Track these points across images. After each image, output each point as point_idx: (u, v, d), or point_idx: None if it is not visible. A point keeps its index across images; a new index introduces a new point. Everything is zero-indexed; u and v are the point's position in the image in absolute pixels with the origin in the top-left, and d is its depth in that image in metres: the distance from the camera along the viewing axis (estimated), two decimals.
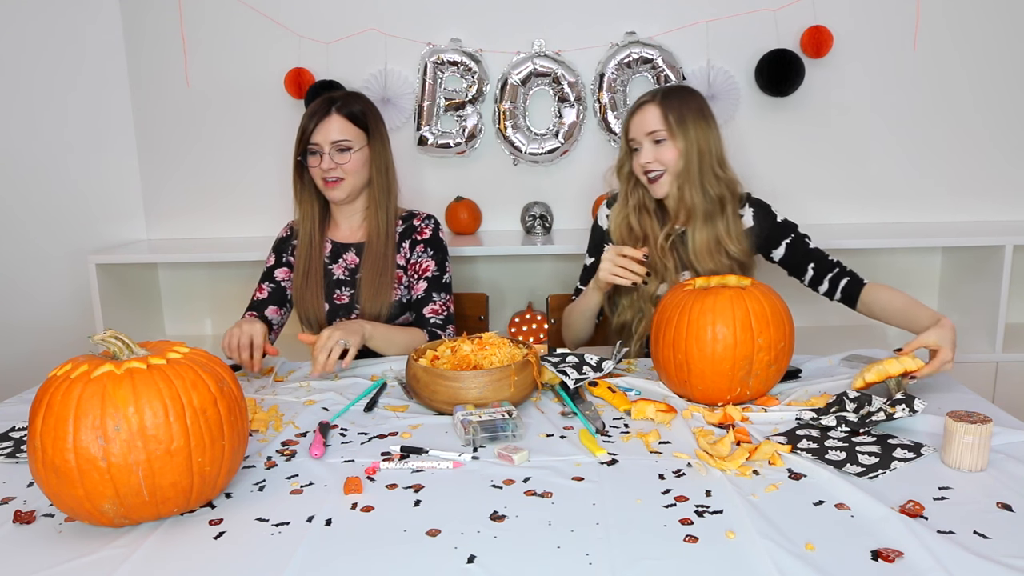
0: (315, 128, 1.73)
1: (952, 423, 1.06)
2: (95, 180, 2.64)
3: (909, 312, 1.56)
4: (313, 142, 1.74)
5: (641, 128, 1.69)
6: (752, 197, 1.80)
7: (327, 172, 1.74)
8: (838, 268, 1.74)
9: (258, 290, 1.88)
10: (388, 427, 1.28)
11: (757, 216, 1.77)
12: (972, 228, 2.44)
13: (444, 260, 1.85)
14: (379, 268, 1.79)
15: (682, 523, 0.94)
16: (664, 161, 1.68)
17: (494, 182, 2.60)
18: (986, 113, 2.50)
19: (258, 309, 1.84)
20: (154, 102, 2.61)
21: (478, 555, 0.88)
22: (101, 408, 0.91)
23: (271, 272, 1.89)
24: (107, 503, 0.92)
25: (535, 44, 2.49)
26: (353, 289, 1.83)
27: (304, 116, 1.76)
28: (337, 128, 1.73)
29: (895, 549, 0.86)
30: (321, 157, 1.74)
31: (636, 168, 1.72)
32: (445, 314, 1.81)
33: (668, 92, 1.71)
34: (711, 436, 1.20)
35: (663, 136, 1.67)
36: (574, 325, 1.83)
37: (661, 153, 1.68)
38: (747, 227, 1.76)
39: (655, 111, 1.68)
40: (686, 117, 1.67)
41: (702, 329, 1.30)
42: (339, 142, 1.73)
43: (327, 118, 1.73)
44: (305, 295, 1.82)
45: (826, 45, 2.39)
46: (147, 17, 2.54)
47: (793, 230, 1.77)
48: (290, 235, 1.91)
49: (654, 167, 1.69)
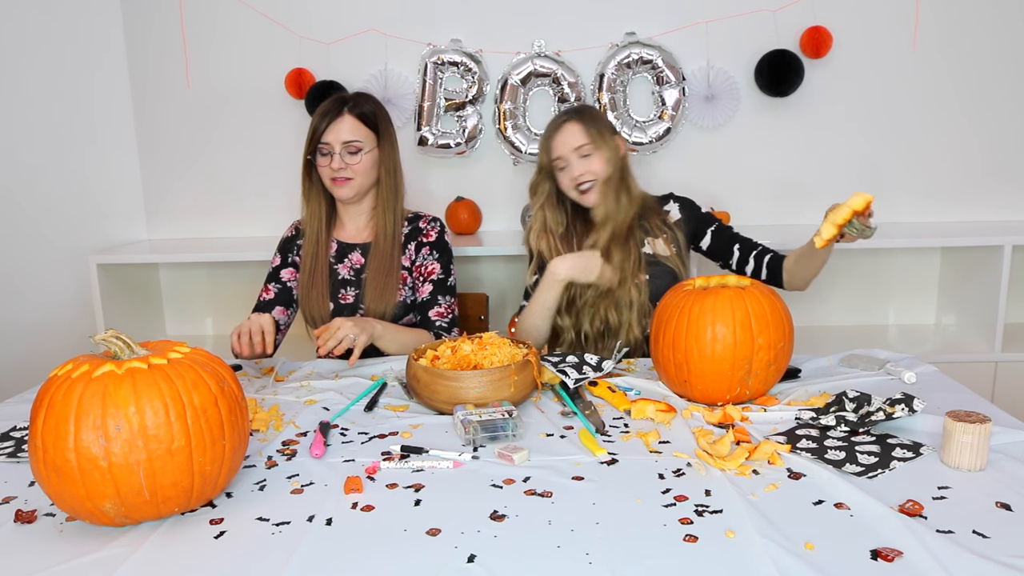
0: (327, 128, 1.74)
1: (951, 423, 1.06)
2: (96, 180, 2.64)
3: (808, 246, 1.62)
4: (324, 141, 1.74)
5: (567, 145, 1.78)
6: (675, 195, 1.92)
7: (337, 172, 1.75)
8: (761, 247, 1.82)
9: (264, 291, 1.88)
10: (388, 427, 1.28)
11: (683, 210, 1.89)
12: (971, 228, 2.44)
13: (449, 263, 1.86)
14: (385, 269, 1.80)
15: (682, 523, 0.94)
16: (595, 171, 1.78)
17: (494, 182, 2.61)
18: (985, 113, 2.50)
19: (265, 310, 1.84)
20: (155, 102, 2.61)
21: (478, 555, 0.88)
22: (102, 408, 0.91)
23: (277, 273, 1.89)
24: (108, 503, 0.92)
25: (535, 44, 2.49)
26: (358, 289, 1.83)
27: (316, 115, 1.76)
28: (348, 128, 1.74)
29: (894, 548, 0.86)
30: (331, 157, 1.74)
31: (565, 184, 1.82)
32: (450, 317, 1.82)
33: (580, 110, 1.84)
34: (711, 436, 1.20)
35: (589, 150, 1.78)
36: (539, 326, 1.80)
37: (590, 164, 1.78)
38: (675, 219, 1.88)
39: (577, 127, 1.79)
40: (603, 130, 1.80)
41: (702, 329, 1.31)
42: (350, 143, 1.74)
43: (339, 118, 1.74)
44: (311, 294, 1.82)
45: (825, 45, 2.39)
46: (148, 17, 2.54)
47: (717, 222, 1.88)
48: (295, 235, 1.91)
49: (586, 178, 1.78)
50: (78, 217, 2.65)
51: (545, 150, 1.83)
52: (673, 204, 1.90)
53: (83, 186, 2.64)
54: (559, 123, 1.82)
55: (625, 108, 2.48)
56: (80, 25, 2.53)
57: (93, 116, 2.60)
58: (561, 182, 1.83)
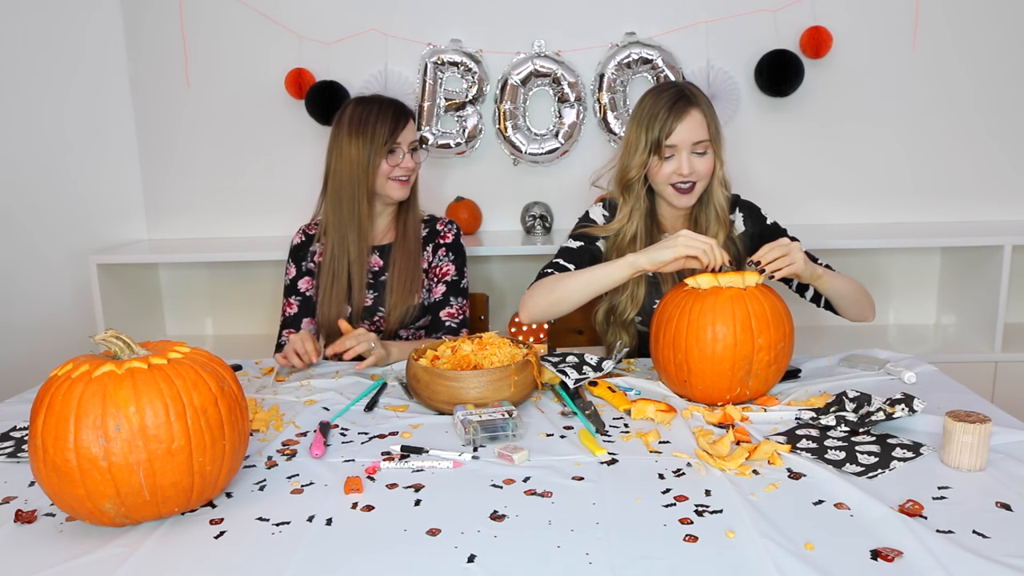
0: (403, 129, 1.78)
1: (951, 423, 1.06)
2: (96, 180, 2.64)
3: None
4: (398, 141, 1.77)
5: (689, 136, 1.56)
6: (740, 199, 1.74)
7: (411, 172, 1.81)
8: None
9: (287, 305, 1.87)
10: (388, 427, 1.28)
11: (747, 220, 1.72)
12: (971, 228, 2.44)
13: (463, 265, 1.88)
14: (410, 269, 1.82)
15: (682, 523, 0.94)
16: (702, 172, 1.59)
17: (494, 182, 2.61)
18: (986, 113, 2.50)
19: (293, 325, 1.85)
20: (155, 102, 2.61)
21: (478, 555, 0.88)
22: (102, 408, 0.91)
23: (294, 285, 1.88)
24: (108, 502, 0.92)
25: (535, 44, 2.49)
26: (377, 292, 1.83)
27: (388, 118, 1.76)
28: (412, 129, 1.81)
29: (894, 548, 0.86)
30: (403, 156, 1.78)
31: (664, 176, 1.60)
32: (461, 318, 1.84)
33: (700, 95, 1.60)
34: (711, 436, 1.20)
35: (705, 147, 1.58)
36: (568, 296, 1.54)
37: (702, 163, 1.59)
38: (739, 232, 1.71)
39: (701, 118, 1.57)
40: (718, 124, 1.62)
41: (702, 329, 1.31)
42: (414, 142, 1.81)
43: (408, 121, 1.79)
44: (330, 297, 1.80)
45: (826, 45, 2.39)
46: (147, 17, 2.54)
47: (783, 234, 1.68)
48: (305, 241, 1.89)
49: (692, 178, 1.59)
50: (78, 217, 2.65)
51: (654, 130, 1.56)
52: (738, 214, 1.71)
53: (83, 186, 2.64)
54: (684, 108, 1.56)
55: (625, 108, 2.48)
56: (80, 25, 2.53)
57: (93, 116, 2.60)
58: (657, 171, 1.60)
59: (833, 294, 1.57)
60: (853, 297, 1.60)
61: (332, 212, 1.80)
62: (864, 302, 1.63)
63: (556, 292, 1.55)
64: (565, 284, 1.54)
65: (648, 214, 1.69)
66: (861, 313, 1.64)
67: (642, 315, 1.71)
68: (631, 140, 1.63)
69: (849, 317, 1.65)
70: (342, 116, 1.78)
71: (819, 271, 1.51)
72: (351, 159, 1.75)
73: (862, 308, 1.63)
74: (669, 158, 1.59)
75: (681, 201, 1.63)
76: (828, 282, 1.53)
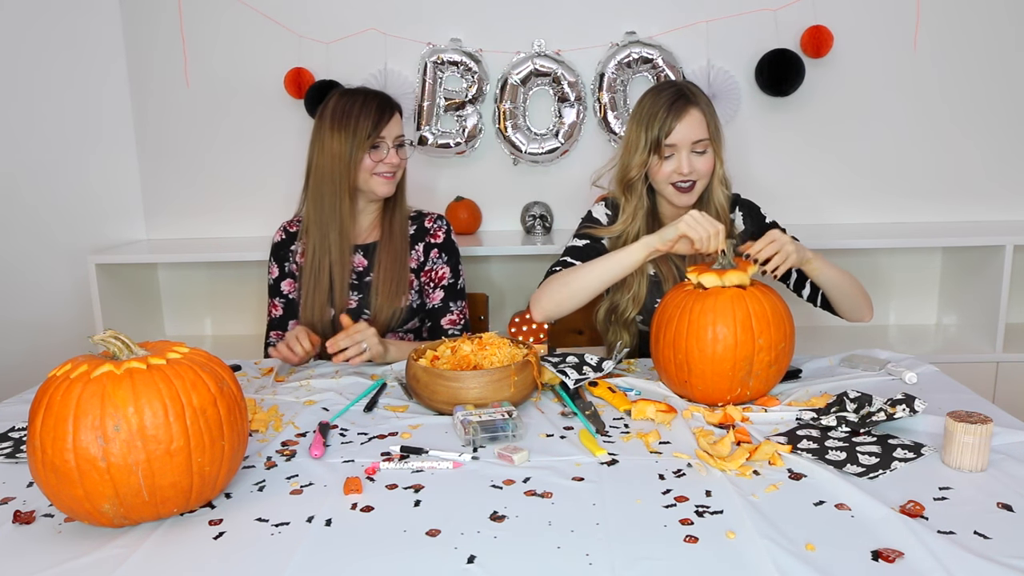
0: (388, 122, 1.72)
1: (952, 423, 1.06)
2: (95, 180, 2.64)
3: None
4: (382, 136, 1.71)
5: (688, 135, 1.57)
6: (741, 198, 1.75)
7: (396, 167, 1.74)
8: None
9: (272, 307, 1.84)
10: (388, 427, 1.28)
11: (747, 219, 1.72)
12: (972, 228, 2.43)
13: (458, 264, 1.82)
14: (396, 268, 1.75)
15: (682, 523, 0.94)
16: (702, 171, 1.61)
17: (494, 182, 2.60)
18: (986, 113, 2.50)
19: (280, 327, 1.82)
20: (154, 102, 2.60)
21: (478, 555, 0.88)
22: (101, 408, 0.91)
23: (277, 286, 1.84)
24: (107, 503, 0.92)
25: (535, 44, 2.49)
26: (361, 293, 1.78)
27: (371, 111, 1.69)
28: (398, 124, 1.75)
29: (895, 549, 0.86)
30: (387, 151, 1.72)
31: (664, 175, 1.61)
32: (462, 323, 1.81)
33: (699, 94, 1.61)
34: (711, 436, 1.19)
35: (705, 146, 1.59)
36: (586, 287, 1.55)
37: (702, 162, 1.60)
38: (739, 231, 1.71)
39: (700, 117, 1.58)
40: (718, 123, 1.62)
41: (702, 329, 1.30)
42: (399, 137, 1.75)
43: (394, 114, 1.74)
44: (313, 299, 1.75)
45: (826, 45, 2.38)
46: (147, 17, 2.54)
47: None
48: (287, 239, 1.85)
49: (692, 177, 1.60)
50: (77, 217, 2.65)
51: (654, 129, 1.57)
52: (738, 213, 1.72)
53: (82, 186, 2.63)
54: (683, 107, 1.56)
55: (625, 108, 2.48)
56: (80, 25, 2.53)
57: (92, 116, 2.59)
58: (657, 170, 1.61)
59: (825, 282, 1.58)
60: (846, 289, 1.60)
61: (313, 209, 1.74)
62: (859, 297, 1.63)
63: (572, 285, 1.56)
64: (581, 275, 1.56)
65: (650, 213, 1.70)
66: (857, 310, 1.64)
67: (643, 314, 1.71)
68: (631, 139, 1.64)
69: (845, 314, 1.65)
70: (325, 108, 1.72)
71: (808, 254, 1.52)
72: (332, 153, 1.68)
73: (857, 303, 1.63)
74: (669, 157, 1.61)
75: (681, 200, 1.64)
76: (818, 268, 1.54)
